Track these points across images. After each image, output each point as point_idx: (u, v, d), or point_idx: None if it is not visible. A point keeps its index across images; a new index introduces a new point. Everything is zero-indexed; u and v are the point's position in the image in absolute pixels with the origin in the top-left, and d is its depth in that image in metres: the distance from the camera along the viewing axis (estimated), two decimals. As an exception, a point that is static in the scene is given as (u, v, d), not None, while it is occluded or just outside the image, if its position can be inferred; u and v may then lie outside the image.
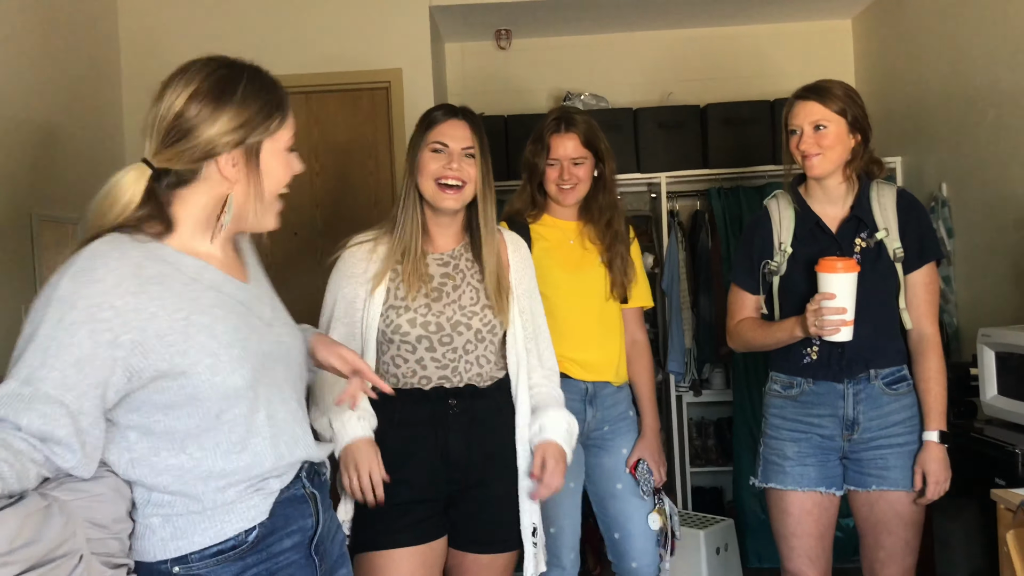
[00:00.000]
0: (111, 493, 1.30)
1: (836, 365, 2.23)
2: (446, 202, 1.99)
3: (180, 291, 1.34)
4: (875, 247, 2.24)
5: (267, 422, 1.41)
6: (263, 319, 1.46)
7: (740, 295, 2.39)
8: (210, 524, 1.36)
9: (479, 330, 2.03)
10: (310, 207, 3.86)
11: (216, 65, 1.40)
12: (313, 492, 1.49)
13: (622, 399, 2.52)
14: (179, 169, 1.36)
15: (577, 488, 2.46)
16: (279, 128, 1.43)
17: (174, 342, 1.31)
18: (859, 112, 2.23)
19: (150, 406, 1.32)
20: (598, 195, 2.49)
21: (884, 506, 2.23)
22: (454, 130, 1.99)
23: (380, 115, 3.86)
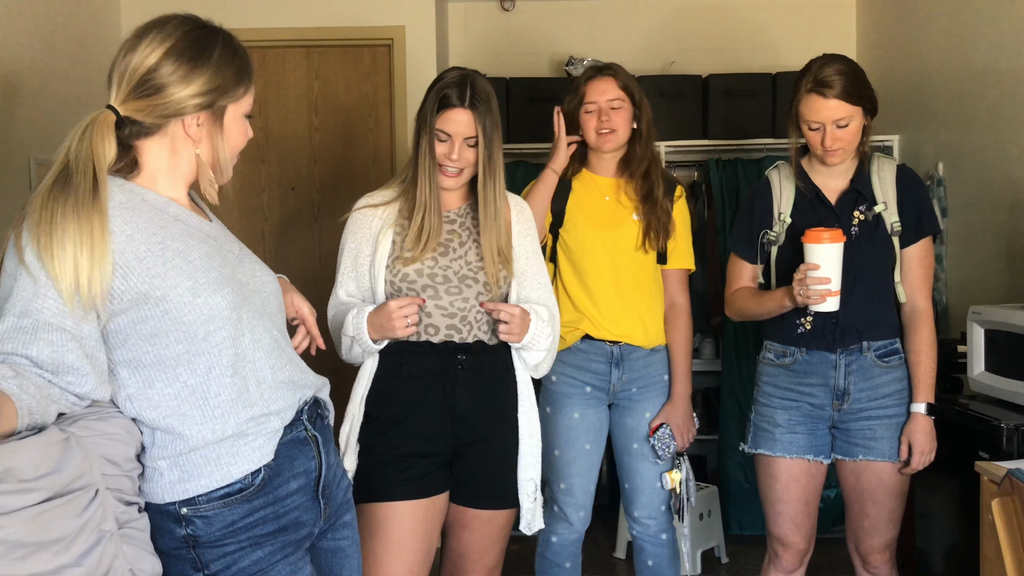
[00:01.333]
0: (123, 432, 1.32)
1: (829, 336, 2.26)
2: (446, 183, 2.06)
3: (150, 218, 1.38)
4: (873, 220, 2.26)
5: (253, 346, 1.44)
6: (233, 253, 1.50)
7: (738, 264, 2.42)
8: (216, 467, 1.38)
9: (487, 283, 2.06)
10: (308, 163, 3.85)
11: (192, 25, 1.44)
12: (315, 434, 1.52)
13: (656, 362, 2.51)
14: (143, 121, 1.39)
15: (594, 449, 2.49)
16: (244, 95, 1.49)
17: (152, 264, 1.34)
18: (869, 92, 2.23)
19: (136, 338, 1.35)
20: (636, 147, 2.49)
21: (870, 476, 2.27)
22: (458, 119, 2.01)
23: (382, 73, 3.84)
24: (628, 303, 2.47)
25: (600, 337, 2.47)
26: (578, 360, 2.47)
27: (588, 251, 2.47)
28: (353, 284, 2.09)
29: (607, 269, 2.47)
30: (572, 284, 2.50)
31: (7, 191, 2.95)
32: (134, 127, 1.39)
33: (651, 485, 2.50)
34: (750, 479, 3.62)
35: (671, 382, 2.52)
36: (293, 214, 3.87)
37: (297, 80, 3.84)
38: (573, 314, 2.49)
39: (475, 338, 2.05)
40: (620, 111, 2.45)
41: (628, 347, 2.48)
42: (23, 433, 1.18)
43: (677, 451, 2.50)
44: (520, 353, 2.09)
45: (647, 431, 2.49)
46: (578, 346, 2.48)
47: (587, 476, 2.50)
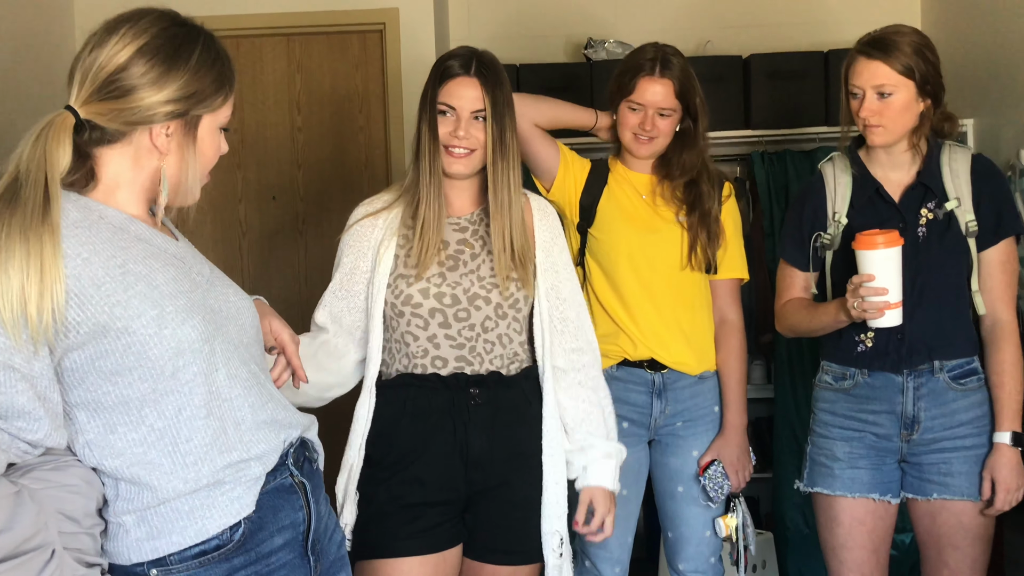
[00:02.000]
0: (82, 484, 1.34)
1: (895, 354, 2.26)
2: (453, 167, 2.04)
3: (109, 238, 1.39)
4: (944, 219, 2.26)
5: (228, 382, 1.45)
6: (203, 275, 1.51)
7: (789, 272, 2.42)
8: (189, 521, 1.39)
9: (499, 304, 2.06)
10: (290, 168, 3.89)
11: (170, 22, 1.45)
12: (303, 481, 1.53)
13: (705, 391, 2.50)
14: (105, 127, 1.40)
15: (632, 495, 2.49)
16: (223, 105, 1.50)
17: (112, 291, 1.35)
18: (931, 71, 2.23)
19: (95, 376, 1.36)
20: (681, 152, 2.47)
21: (948, 517, 2.26)
22: (462, 89, 2.01)
23: (373, 62, 3.87)
24: (668, 319, 2.46)
25: (639, 357, 2.46)
26: (614, 390, 2.43)
27: (623, 256, 2.47)
28: (341, 304, 2.09)
29: (646, 279, 2.46)
30: (605, 292, 2.49)
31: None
32: (94, 132, 1.40)
33: (699, 534, 2.49)
34: (810, 523, 3.59)
35: (723, 412, 2.51)
36: (274, 227, 3.90)
37: (276, 73, 3.88)
38: (609, 327, 2.48)
39: (488, 369, 2.06)
40: (668, 119, 2.44)
41: (672, 374, 2.47)
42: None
43: (731, 492, 2.50)
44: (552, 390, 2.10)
45: (695, 470, 2.49)
46: (613, 373, 2.46)
47: (624, 526, 2.48)
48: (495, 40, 4.20)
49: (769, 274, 3.73)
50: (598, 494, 2.13)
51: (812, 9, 4.27)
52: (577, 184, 2.51)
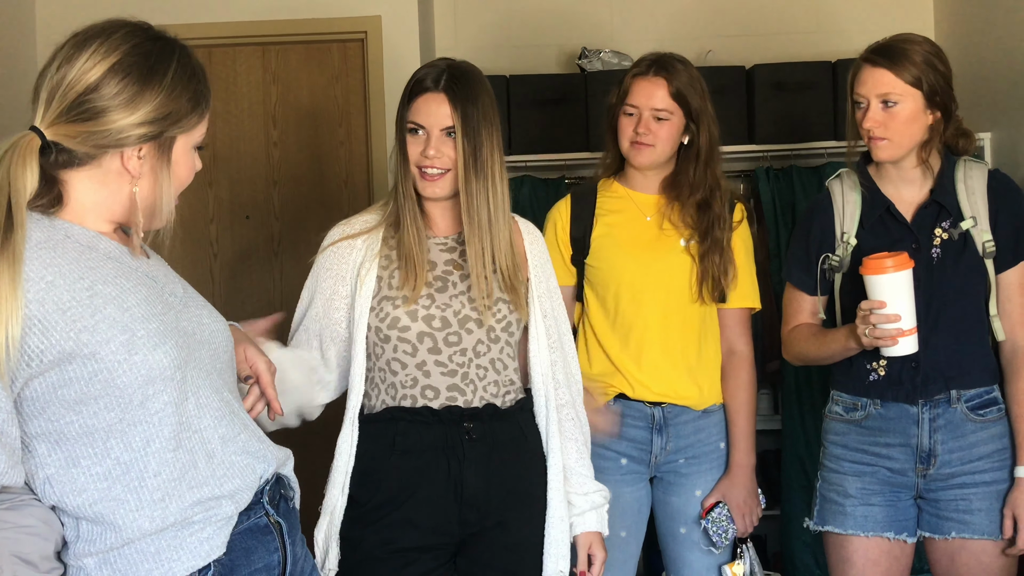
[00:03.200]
0: (40, 524, 1.33)
1: (909, 384, 2.27)
2: (427, 189, 2.04)
3: (76, 258, 1.39)
4: (959, 239, 2.28)
5: (198, 411, 1.45)
6: (176, 296, 1.51)
7: (795, 296, 2.43)
8: (155, 563, 1.39)
9: (491, 327, 2.05)
10: (265, 185, 3.90)
11: (144, 36, 1.46)
12: (278, 521, 1.52)
13: (709, 426, 2.50)
14: (74, 150, 1.40)
15: (631, 536, 2.49)
16: (197, 124, 1.50)
17: (79, 316, 1.35)
18: (940, 82, 2.25)
19: (57, 405, 1.36)
20: (689, 168, 2.47)
21: (967, 558, 2.26)
22: (431, 106, 2.01)
23: (353, 73, 3.89)
24: (675, 353, 2.47)
25: (638, 397, 2.46)
26: None
27: (626, 288, 2.46)
28: (316, 327, 2.08)
29: (649, 311, 2.46)
30: (603, 329, 2.50)
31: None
32: (61, 155, 1.40)
33: None
34: (822, 564, 3.59)
35: (729, 450, 2.51)
36: (248, 248, 3.90)
37: (251, 85, 3.90)
38: (604, 366, 2.48)
39: (483, 401, 2.05)
40: (666, 124, 2.44)
41: (674, 408, 2.47)
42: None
43: (737, 536, 2.49)
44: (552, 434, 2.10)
45: (698, 511, 2.48)
46: (610, 407, 2.46)
47: (622, 570, 2.49)
48: (483, 49, 4.24)
49: (775, 298, 3.74)
50: (596, 540, 2.15)
51: (819, 17, 4.31)
52: (564, 230, 2.53)
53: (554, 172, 4.04)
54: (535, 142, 3.90)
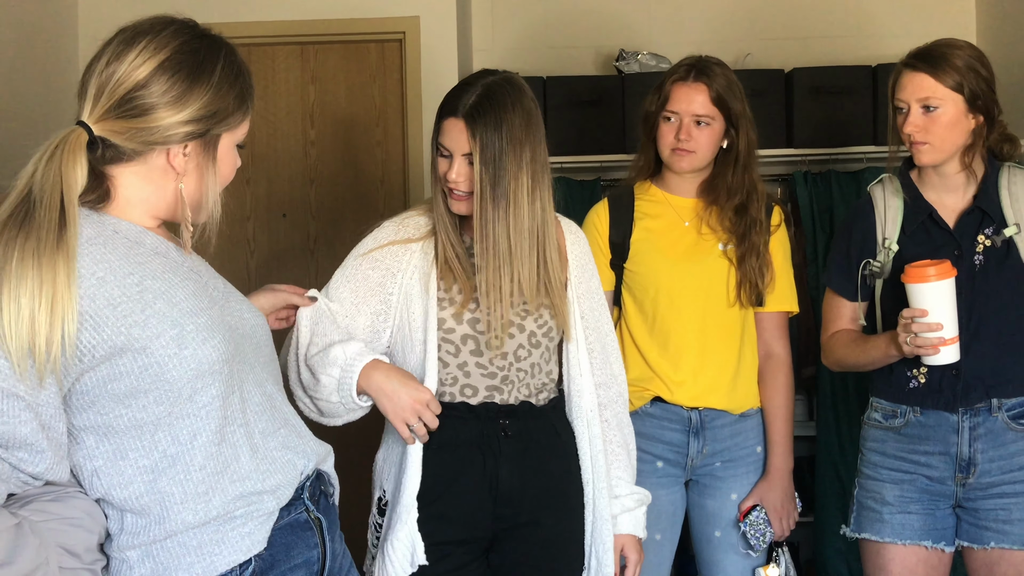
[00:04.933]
0: (85, 517, 1.35)
1: (949, 391, 2.25)
2: (455, 207, 2.04)
3: (125, 253, 1.41)
4: (1003, 246, 2.26)
5: (242, 405, 1.47)
6: (219, 291, 1.53)
7: (835, 301, 2.42)
8: (197, 557, 1.40)
9: (533, 332, 2.07)
10: (303, 184, 3.92)
11: (191, 34, 1.47)
12: (318, 517, 1.53)
13: (747, 430, 2.50)
14: (121, 145, 1.41)
15: (666, 539, 2.49)
16: (241, 122, 1.52)
17: (129, 311, 1.36)
18: (983, 87, 2.24)
19: (107, 399, 1.37)
20: (727, 172, 2.47)
21: (1007, 568, 2.25)
22: (453, 132, 2.00)
23: (391, 73, 3.91)
24: (713, 358, 2.47)
25: (676, 401, 2.46)
26: (648, 428, 2.46)
27: (664, 292, 2.47)
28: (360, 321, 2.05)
29: (688, 315, 2.46)
30: (641, 334, 2.50)
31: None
32: (108, 150, 1.42)
33: None
34: (855, 572, 3.57)
35: (767, 454, 2.51)
36: (284, 246, 3.93)
37: (290, 84, 3.92)
38: (641, 370, 2.48)
39: (518, 399, 2.07)
40: (706, 129, 2.44)
41: (711, 412, 2.47)
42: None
43: (774, 540, 2.48)
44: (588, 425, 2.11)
45: (734, 515, 2.48)
46: (647, 410, 2.47)
47: (656, 572, 2.49)
48: (520, 51, 4.25)
49: (812, 303, 3.72)
50: (629, 542, 2.15)
51: (859, 21, 4.28)
52: (603, 235, 2.52)
53: (590, 174, 4.04)
54: (571, 143, 3.90)
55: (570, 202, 3.88)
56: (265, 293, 1.94)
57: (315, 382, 1.92)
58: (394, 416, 1.90)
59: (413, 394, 1.89)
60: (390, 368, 1.92)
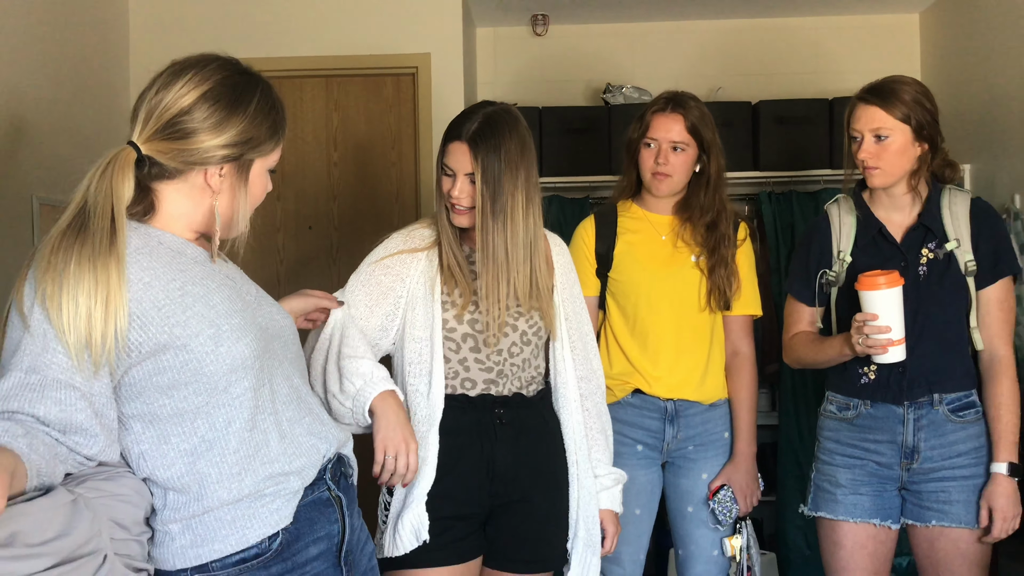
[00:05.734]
0: (133, 494, 1.35)
1: (896, 387, 2.25)
2: (457, 220, 2.04)
3: (169, 262, 1.41)
4: (944, 259, 2.26)
5: (271, 397, 1.47)
6: (251, 295, 1.53)
7: (795, 306, 2.42)
8: (232, 530, 1.40)
9: (525, 332, 2.07)
10: (326, 200, 3.92)
11: (233, 70, 1.48)
12: (339, 495, 1.53)
13: (716, 418, 2.50)
14: (165, 164, 1.42)
15: (645, 514, 2.49)
16: (273, 150, 1.53)
17: (172, 312, 1.37)
18: (927, 118, 2.24)
19: (152, 390, 1.38)
20: (700, 192, 2.48)
21: (945, 544, 2.24)
22: (457, 154, 2.00)
23: (405, 103, 3.91)
24: (686, 355, 2.48)
25: (653, 393, 2.47)
26: (628, 416, 2.47)
27: (642, 297, 2.47)
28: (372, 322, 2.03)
29: (664, 318, 2.46)
30: (623, 334, 2.50)
31: (10, 231, 3.03)
32: (153, 168, 1.42)
33: (707, 553, 2.48)
34: (812, 545, 3.57)
35: (733, 439, 2.51)
36: (310, 255, 3.93)
37: (315, 112, 3.92)
38: (623, 366, 2.49)
39: (512, 390, 2.07)
40: (682, 154, 2.44)
41: (684, 402, 2.48)
42: (29, 494, 1.20)
43: (739, 515, 2.48)
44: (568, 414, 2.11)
45: (704, 493, 2.48)
46: (629, 400, 2.48)
47: (636, 543, 2.49)
48: (519, 84, 4.26)
49: (775, 308, 3.73)
50: (608, 516, 2.15)
51: (818, 59, 4.30)
52: (589, 247, 2.52)
53: (579, 192, 4.04)
54: (563, 166, 3.91)
55: (562, 217, 3.89)
56: (299, 297, 1.93)
57: (339, 383, 1.88)
58: (382, 439, 1.83)
59: (407, 434, 1.84)
60: (401, 406, 1.89)
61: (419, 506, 1.95)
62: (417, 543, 1.95)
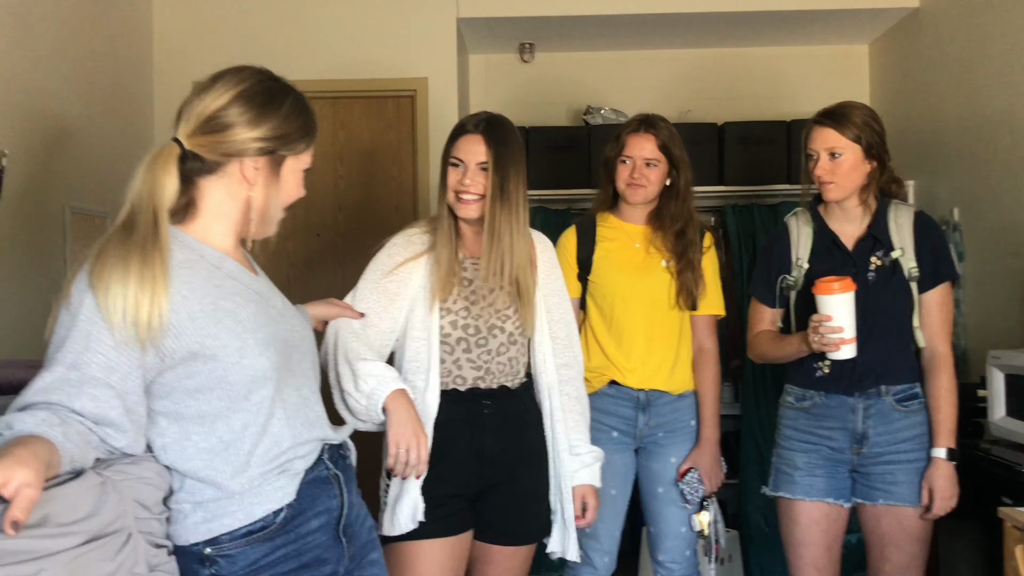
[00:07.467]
0: (155, 477, 1.34)
1: (847, 379, 2.25)
2: (462, 211, 2.03)
3: (206, 276, 1.39)
4: (890, 265, 2.26)
5: (282, 405, 1.45)
6: (276, 308, 1.51)
7: (758, 308, 2.42)
8: (239, 507, 1.39)
9: (511, 333, 2.08)
10: (333, 209, 3.91)
11: (267, 76, 1.47)
12: (337, 473, 1.52)
13: (683, 407, 2.50)
14: (205, 157, 1.40)
15: (620, 494, 2.49)
16: (304, 151, 1.51)
17: (204, 324, 1.35)
18: (876, 139, 2.25)
19: (180, 392, 1.36)
20: (670, 203, 2.48)
21: (891, 520, 2.25)
22: (469, 144, 2.01)
23: (404, 122, 3.90)
24: (657, 350, 2.48)
25: (627, 384, 2.47)
26: (604, 405, 2.47)
27: (618, 298, 2.48)
28: (380, 326, 2.02)
29: (637, 317, 2.47)
30: (601, 331, 2.50)
31: (45, 237, 3.01)
32: (195, 163, 1.41)
33: (676, 529, 2.48)
34: (771, 523, 3.58)
35: (699, 427, 2.51)
36: (318, 259, 3.91)
37: (323, 130, 3.83)
38: (601, 360, 2.49)
39: (498, 384, 2.07)
40: (654, 169, 2.46)
41: (655, 392, 2.48)
42: (62, 476, 1.19)
43: (705, 495, 2.49)
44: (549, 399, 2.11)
45: (674, 475, 2.48)
46: (605, 391, 2.48)
47: (613, 521, 2.48)
48: (508, 105, 4.26)
49: (738, 309, 3.73)
50: (589, 491, 2.15)
51: (777, 85, 4.31)
52: (571, 253, 2.52)
53: (562, 204, 4.04)
54: (547, 180, 3.90)
55: (546, 227, 3.86)
56: (327, 305, 1.93)
57: (354, 382, 1.85)
58: (394, 434, 1.81)
59: (417, 429, 1.81)
60: (412, 403, 1.85)
61: (415, 491, 1.94)
62: (413, 525, 1.94)
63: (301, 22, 3.85)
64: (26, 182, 2.88)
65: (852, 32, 4.17)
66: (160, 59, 3.84)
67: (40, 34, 2.98)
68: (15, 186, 2.80)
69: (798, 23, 4.00)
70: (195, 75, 1.51)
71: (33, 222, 2.94)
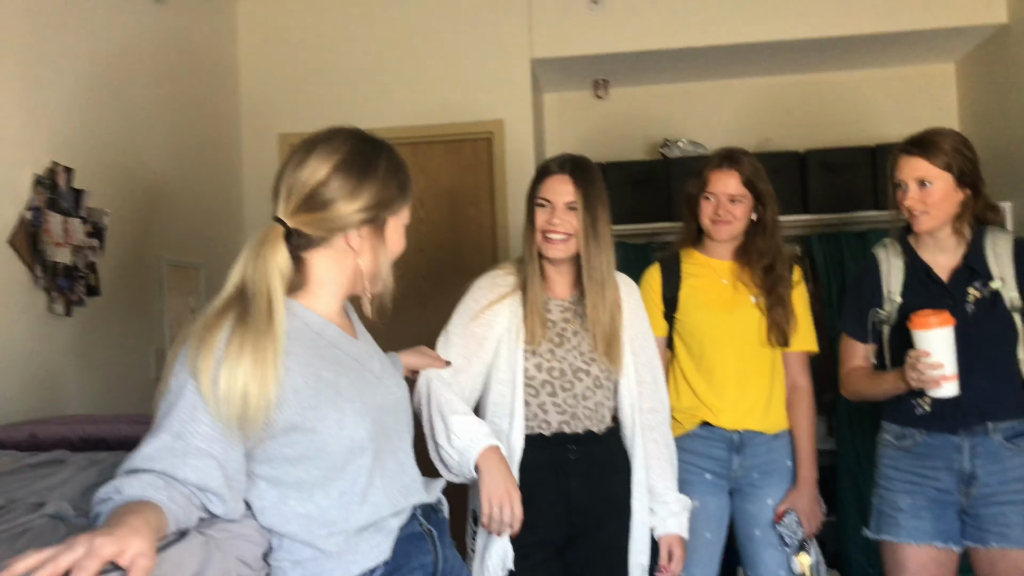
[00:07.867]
0: (255, 534, 1.36)
1: (950, 417, 2.16)
2: (551, 251, 2.03)
3: (309, 346, 1.41)
4: (990, 296, 2.17)
5: (380, 473, 1.45)
6: (374, 373, 1.51)
7: (850, 343, 2.35)
8: (337, 565, 1.40)
9: (597, 376, 2.06)
10: (414, 252, 3.96)
11: (359, 139, 1.47)
12: (430, 529, 1.52)
13: (778, 447, 2.44)
14: (311, 234, 1.41)
15: (715, 538, 2.43)
16: (403, 207, 1.50)
17: (306, 397, 1.36)
18: (968, 165, 2.17)
19: (280, 459, 1.38)
20: (756, 239, 2.44)
21: (1007, 565, 2.13)
22: (557, 185, 2.02)
23: (482, 164, 3.95)
24: (749, 389, 2.42)
25: (720, 425, 2.42)
26: (697, 446, 2.42)
27: (706, 336, 2.43)
28: (469, 372, 2.02)
29: (728, 355, 2.42)
30: (690, 371, 2.46)
31: (144, 289, 3.14)
32: (300, 239, 1.42)
33: (775, 573, 2.41)
34: (873, 563, 3.43)
35: (796, 467, 2.44)
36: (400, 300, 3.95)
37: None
38: (691, 400, 2.45)
39: (584, 428, 2.06)
40: (740, 205, 2.41)
41: (749, 433, 2.42)
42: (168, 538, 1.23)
43: (802, 539, 2.41)
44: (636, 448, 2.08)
45: (770, 517, 2.41)
46: (697, 432, 2.43)
47: (708, 566, 2.42)
48: (584, 142, 4.27)
49: (829, 341, 3.63)
50: (675, 540, 2.11)
51: (860, 109, 4.21)
52: (656, 291, 2.49)
53: (642, 239, 4.02)
54: (627, 215, 3.88)
55: (627, 263, 3.86)
56: (417, 355, 1.95)
57: (447, 437, 1.86)
58: (487, 492, 1.82)
59: (510, 487, 1.82)
60: (504, 459, 1.86)
61: (504, 539, 1.93)
62: (503, 574, 1.93)
63: (380, 71, 3.95)
64: (125, 237, 3.02)
65: (937, 51, 4.05)
66: (247, 112, 3.98)
67: (133, 96, 3.14)
68: (115, 240, 2.94)
69: (879, 45, 3.91)
70: (281, 127, 1.54)
71: (133, 275, 3.07)
